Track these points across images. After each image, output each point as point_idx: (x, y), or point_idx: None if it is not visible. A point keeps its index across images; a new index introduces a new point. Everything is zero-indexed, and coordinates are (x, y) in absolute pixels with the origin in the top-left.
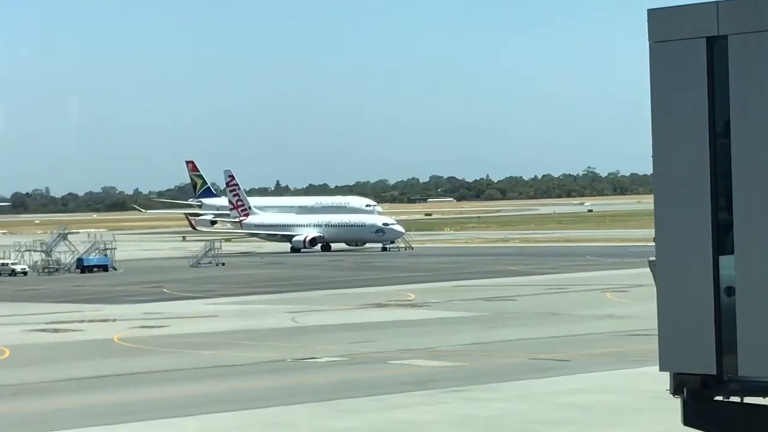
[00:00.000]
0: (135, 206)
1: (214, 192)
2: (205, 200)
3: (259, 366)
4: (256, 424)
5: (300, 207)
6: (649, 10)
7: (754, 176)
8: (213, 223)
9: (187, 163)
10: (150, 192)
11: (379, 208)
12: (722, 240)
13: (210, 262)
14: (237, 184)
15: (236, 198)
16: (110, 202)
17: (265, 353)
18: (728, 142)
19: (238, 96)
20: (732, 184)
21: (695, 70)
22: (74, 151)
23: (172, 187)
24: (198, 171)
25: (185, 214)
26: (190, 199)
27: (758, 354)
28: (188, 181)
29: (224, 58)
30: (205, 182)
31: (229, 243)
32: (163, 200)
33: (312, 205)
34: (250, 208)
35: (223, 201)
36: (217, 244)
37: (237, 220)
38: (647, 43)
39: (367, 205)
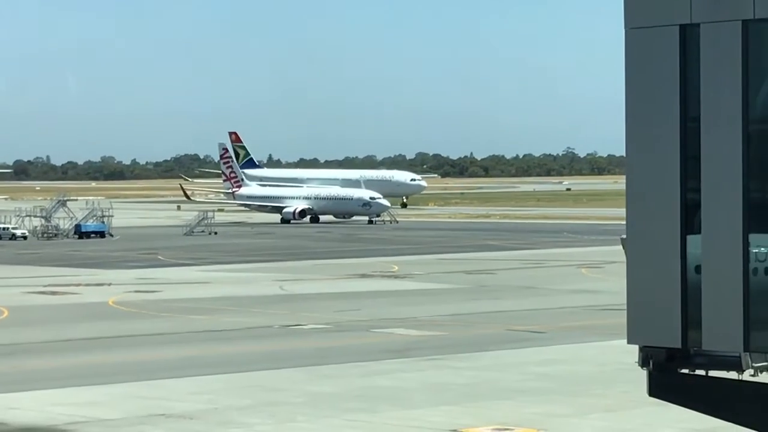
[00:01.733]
0: (182, 176)
1: (257, 163)
2: (248, 171)
3: (248, 331)
4: (244, 386)
5: (344, 180)
6: None
7: (721, 159)
8: None
9: (230, 133)
10: (147, 162)
11: (423, 183)
12: (690, 220)
13: (203, 231)
14: (231, 157)
15: (229, 170)
16: (108, 171)
17: (254, 319)
18: (698, 127)
19: (232, 72)
20: (701, 166)
21: (669, 56)
22: (75, 122)
23: (169, 159)
24: (241, 141)
25: (180, 184)
26: None
27: (722, 329)
28: (184, 152)
29: (219, 37)
30: (248, 153)
31: (222, 213)
32: (208, 170)
33: (357, 178)
34: (242, 179)
35: (265, 172)
36: (210, 214)
37: (230, 191)
38: (623, 30)
39: (412, 179)
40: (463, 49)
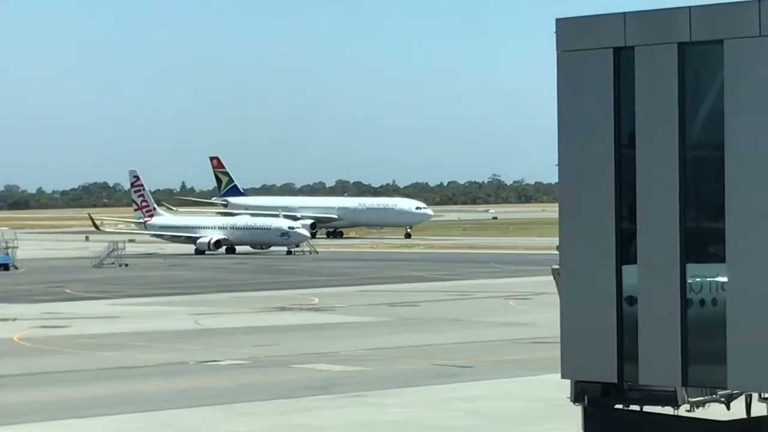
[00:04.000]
0: (164, 204)
1: (241, 191)
2: (231, 199)
3: (161, 368)
4: (155, 426)
5: (340, 208)
6: (557, 20)
7: (657, 187)
8: None
9: (212, 159)
10: (54, 191)
11: (429, 211)
12: (625, 249)
13: (113, 263)
14: (142, 185)
15: (141, 198)
16: (12, 200)
17: (167, 355)
18: (633, 153)
19: (146, 97)
20: (636, 194)
21: (602, 80)
22: None
23: (77, 187)
24: (223, 167)
25: (89, 214)
26: (214, 198)
27: (658, 363)
28: (93, 180)
29: (133, 55)
30: (231, 180)
31: (133, 244)
32: (189, 198)
33: (355, 207)
34: (155, 208)
35: (252, 200)
36: (120, 245)
37: (141, 220)
38: (555, 52)
39: (417, 207)
40: (386, 71)
